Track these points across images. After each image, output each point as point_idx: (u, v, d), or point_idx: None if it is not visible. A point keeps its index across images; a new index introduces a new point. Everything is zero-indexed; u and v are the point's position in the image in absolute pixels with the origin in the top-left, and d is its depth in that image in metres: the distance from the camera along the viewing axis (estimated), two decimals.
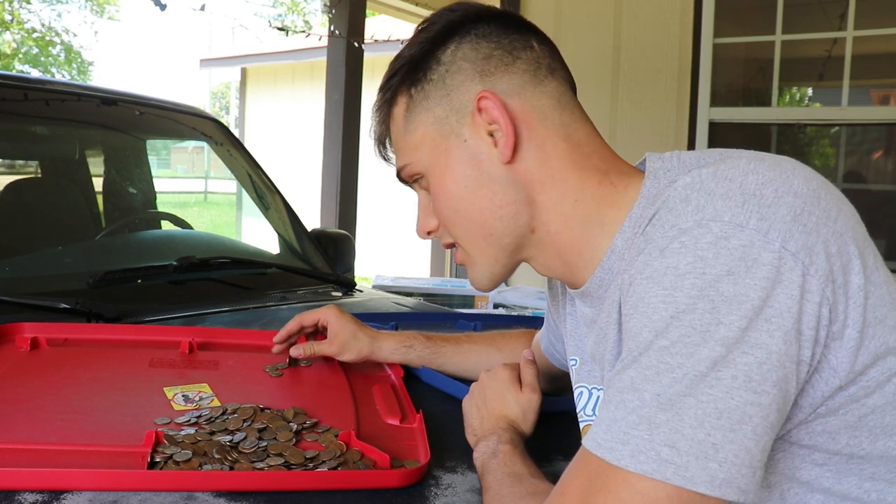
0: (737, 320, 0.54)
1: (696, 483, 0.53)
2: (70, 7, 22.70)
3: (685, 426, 0.54)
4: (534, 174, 0.76)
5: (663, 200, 0.63)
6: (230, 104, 24.15)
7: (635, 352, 0.58)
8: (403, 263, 7.43)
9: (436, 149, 0.79)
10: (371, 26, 4.33)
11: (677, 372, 0.55)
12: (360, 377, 1.16)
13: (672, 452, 0.53)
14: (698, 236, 0.57)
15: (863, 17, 3.38)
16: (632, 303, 0.60)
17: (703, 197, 0.59)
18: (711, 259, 0.56)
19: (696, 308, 0.55)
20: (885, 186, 3.62)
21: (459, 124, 0.77)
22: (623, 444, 0.55)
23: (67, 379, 1.05)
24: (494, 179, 0.77)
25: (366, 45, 3.93)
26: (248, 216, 6.64)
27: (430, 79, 0.79)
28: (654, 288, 0.58)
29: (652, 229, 0.62)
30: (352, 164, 3.91)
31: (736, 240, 0.56)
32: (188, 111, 2.13)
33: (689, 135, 3.72)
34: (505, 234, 0.78)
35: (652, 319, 0.57)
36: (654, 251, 0.59)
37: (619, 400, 0.57)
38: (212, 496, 0.75)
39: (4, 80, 1.72)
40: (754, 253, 0.56)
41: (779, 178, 0.60)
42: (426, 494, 0.80)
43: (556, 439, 1.00)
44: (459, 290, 2.53)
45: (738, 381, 0.54)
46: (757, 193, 0.58)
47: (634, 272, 0.61)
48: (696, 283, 0.56)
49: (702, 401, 0.54)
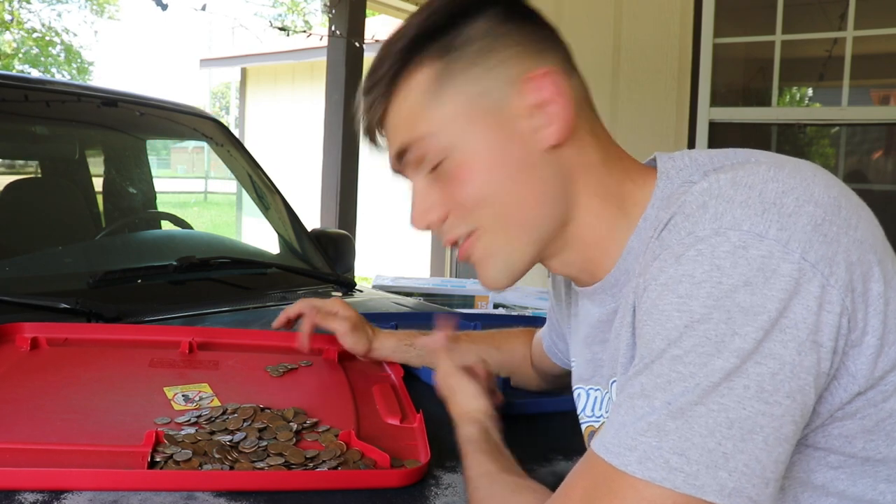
0: (752, 332, 0.54)
1: (705, 492, 0.52)
2: (70, 7, 22.68)
3: (695, 435, 0.53)
4: (574, 164, 0.73)
5: (679, 205, 0.62)
6: (230, 104, 24.14)
7: (648, 359, 0.58)
8: (403, 263, 7.43)
9: (470, 126, 0.71)
10: (371, 26, 4.33)
11: (689, 381, 0.54)
12: (360, 377, 1.16)
13: (682, 460, 0.53)
14: (716, 245, 0.56)
15: (863, 17, 3.38)
16: (646, 309, 0.60)
17: (722, 204, 0.58)
18: (729, 268, 0.55)
19: (712, 318, 0.54)
20: (885, 186, 3.62)
21: (505, 101, 0.71)
22: (631, 450, 0.55)
23: (67, 379, 1.05)
24: (537, 164, 0.72)
25: (366, 45, 3.93)
26: (248, 216, 6.65)
27: (468, 49, 0.71)
28: (669, 295, 0.57)
29: (668, 235, 0.61)
30: (352, 164, 3.92)
31: (755, 250, 0.55)
32: (188, 111, 2.13)
33: (689, 135, 3.72)
34: (541, 226, 0.73)
35: (665, 327, 0.57)
36: (669, 258, 0.59)
37: (629, 405, 0.57)
38: (212, 496, 0.75)
39: (4, 80, 1.72)
40: (773, 264, 0.55)
41: (799, 186, 0.59)
42: (426, 494, 0.80)
43: (556, 439, 1.00)
44: (459, 290, 2.53)
45: (750, 391, 0.53)
46: (777, 202, 0.57)
47: (649, 278, 0.60)
48: (712, 293, 0.55)
49: (713, 410, 0.53)
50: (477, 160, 0.71)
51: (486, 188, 0.71)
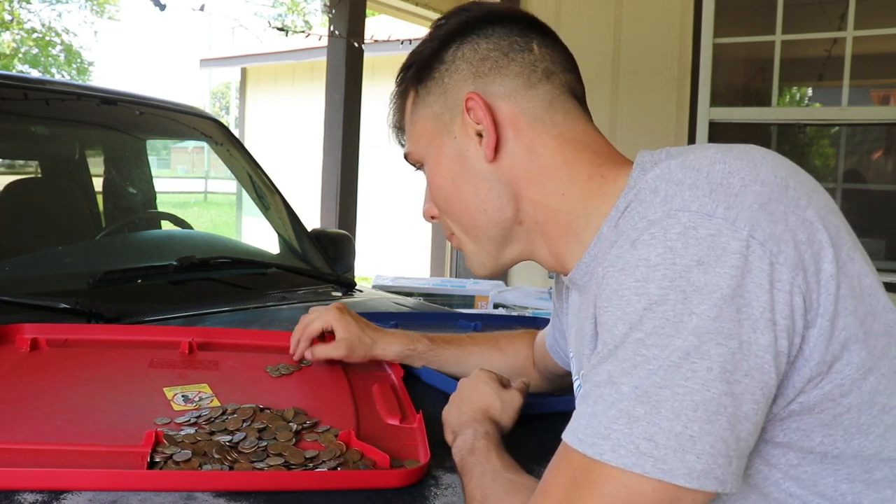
0: (707, 309, 0.55)
1: (674, 476, 0.53)
2: (70, 7, 22.70)
3: (662, 419, 0.54)
4: (519, 171, 0.80)
5: (635, 193, 0.64)
6: (230, 104, 24.16)
7: (611, 345, 0.58)
8: (403, 263, 7.43)
9: (431, 143, 0.84)
10: (371, 26, 4.34)
11: (653, 364, 0.55)
12: (360, 377, 1.16)
13: (650, 445, 0.54)
14: (667, 227, 0.58)
15: (863, 17, 3.38)
16: (606, 296, 0.61)
17: (672, 188, 0.60)
18: (681, 249, 0.56)
19: (668, 299, 0.56)
20: (885, 186, 3.62)
21: (452, 122, 0.82)
22: (604, 439, 0.56)
23: (67, 379, 1.05)
24: (478, 175, 0.81)
25: (366, 45, 3.93)
26: (248, 216, 6.65)
27: (432, 76, 0.83)
28: (627, 280, 0.58)
29: (623, 221, 0.63)
30: (352, 164, 3.92)
31: (704, 229, 0.57)
32: (188, 111, 2.12)
33: (688, 135, 3.73)
34: (490, 226, 0.82)
35: (626, 312, 0.58)
36: (625, 243, 0.60)
37: (597, 394, 0.58)
38: (212, 496, 0.75)
39: (4, 80, 1.72)
40: (722, 242, 0.56)
41: (746, 167, 0.61)
42: (426, 494, 0.80)
43: (556, 439, 1.00)
44: (459, 290, 2.53)
45: (713, 372, 0.54)
46: (724, 183, 0.59)
47: (607, 265, 0.62)
48: (667, 274, 0.56)
49: (678, 393, 0.54)
50: (436, 173, 0.84)
51: (442, 196, 0.85)
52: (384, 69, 6.83)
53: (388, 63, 7.63)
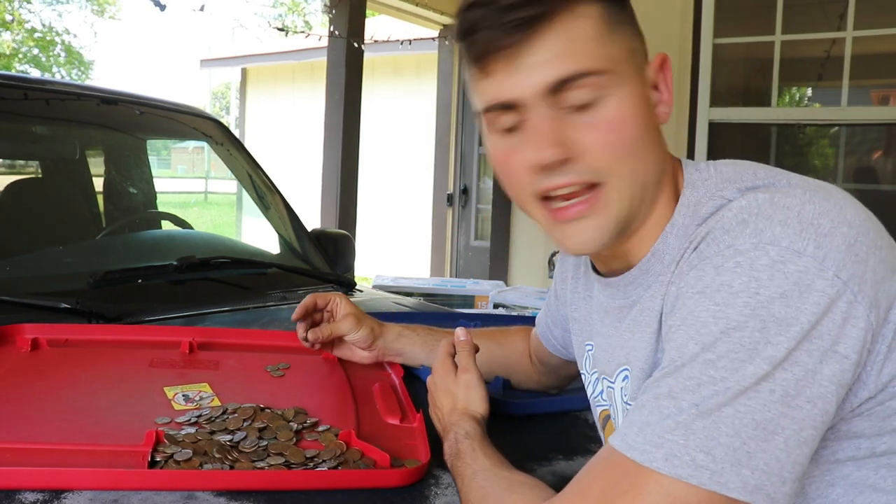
0: (785, 341, 0.57)
1: (729, 489, 0.55)
2: (70, 7, 22.71)
3: (722, 434, 0.56)
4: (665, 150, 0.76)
5: (717, 220, 0.66)
6: (230, 104, 24.15)
7: (678, 362, 0.60)
8: (403, 263, 7.43)
9: (629, 76, 0.71)
10: (371, 26, 4.34)
11: (720, 385, 0.57)
12: (360, 377, 1.16)
13: (707, 458, 0.56)
14: (754, 258, 0.60)
15: (863, 17, 3.37)
16: (680, 315, 0.62)
17: (762, 221, 0.62)
18: (766, 280, 0.59)
19: (747, 326, 0.58)
20: (884, 186, 3.62)
21: (642, 67, 0.74)
22: (657, 448, 0.57)
23: (68, 379, 1.05)
24: (655, 130, 0.74)
25: (366, 45, 3.93)
26: (248, 216, 6.65)
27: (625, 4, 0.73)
28: (706, 303, 0.60)
29: (706, 247, 0.64)
30: (352, 164, 3.92)
31: (792, 265, 0.59)
32: (188, 111, 2.13)
33: (689, 135, 3.72)
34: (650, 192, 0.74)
35: (700, 333, 0.60)
36: (707, 268, 0.62)
37: (653, 405, 0.59)
38: (212, 495, 0.75)
39: (4, 80, 1.72)
40: (809, 279, 0.58)
41: (834, 208, 0.63)
42: (426, 494, 0.80)
43: (556, 439, 1.01)
44: (459, 290, 2.53)
45: (775, 395, 0.57)
46: (815, 223, 0.61)
47: (684, 286, 0.64)
48: (749, 302, 0.58)
49: (740, 412, 0.56)
50: (632, 111, 0.70)
51: (635, 141, 0.70)
52: (384, 69, 6.84)
53: (388, 63, 7.64)
